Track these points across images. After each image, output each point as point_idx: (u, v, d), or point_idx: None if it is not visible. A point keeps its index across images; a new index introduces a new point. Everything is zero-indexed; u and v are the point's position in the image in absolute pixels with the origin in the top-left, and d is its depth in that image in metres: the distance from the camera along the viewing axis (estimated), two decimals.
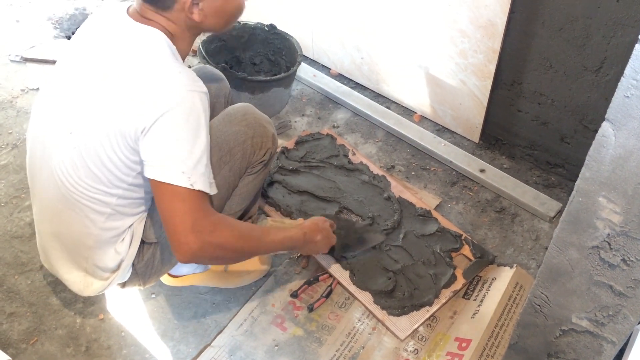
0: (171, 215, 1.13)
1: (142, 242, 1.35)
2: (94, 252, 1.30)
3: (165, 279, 1.59)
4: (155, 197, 1.16)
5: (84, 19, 2.75)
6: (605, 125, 0.79)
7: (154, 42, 1.18)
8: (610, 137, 0.79)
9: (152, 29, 1.18)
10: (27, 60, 2.41)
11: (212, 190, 1.18)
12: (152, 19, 1.20)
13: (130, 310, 1.58)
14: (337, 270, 1.65)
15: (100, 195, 1.23)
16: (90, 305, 1.58)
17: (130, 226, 1.31)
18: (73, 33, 2.70)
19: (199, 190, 1.13)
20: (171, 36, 1.21)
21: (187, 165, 1.12)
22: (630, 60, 0.72)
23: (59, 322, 1.54)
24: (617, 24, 1.52)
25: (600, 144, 0.80)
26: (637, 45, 0.70)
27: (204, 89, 1.17)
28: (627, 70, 0.73)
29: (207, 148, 1.16)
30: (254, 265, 1.64)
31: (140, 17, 1.20)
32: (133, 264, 1.37)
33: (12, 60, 2.41)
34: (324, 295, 1.60)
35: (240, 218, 1.53)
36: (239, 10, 1.28)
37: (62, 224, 1.29)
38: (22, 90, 2.27)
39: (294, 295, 1.61)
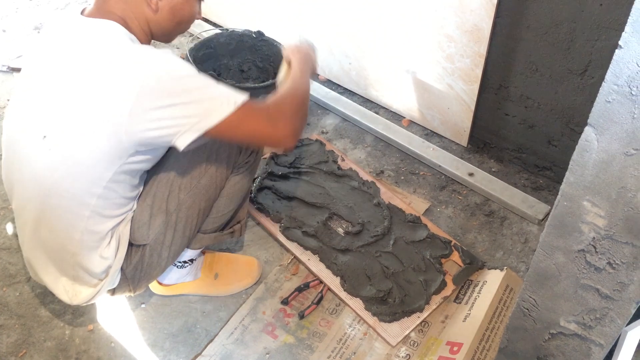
0: (253, 134, 1.20)
1: (130, 244, 1.34)
2: (78, 258, 1.29)
3: (155, 288, 1.58)
4: (224, 139, 1.24)
5: None
6: (587, 130, 0.79)
7: (111, 31, 1.18)
8: (593, 142, 0.79)
9: (106, 21, 1.19)
10: (14, 70, 2.40)
11: (245, 95, 1.20)
12: (109, 7, 1.20)
13: (120, 321, 1.57)
14: (328, 277, 1.65)
15: (78, 197, 1.21)
16: (80, 316, 1.57)
17: (113, 229, 1.29)
18: None
19: (242, 102, 1.15)
20: (128, 28, 1.21)
21: (217, 96, 1.14)
22: (611, 65, 0.73)
23: (47, 334, 1.53)
24: (601, 28, 1.53)
25: (583, 148, 0.81)
26: (617, 51, 0.71)
27: (169, 49, 1.17)
28: (608, 75, 0.73)
29: (207, 76, 1.17)
30: (244, 273, 1.64)
31: (96, 12, 1.21)
32: (122, 268, 1.35)
33: None
34: (314, 302, 1.60)
35: (228, 222, 1.53)
36: (192, 18, 1.31)
37: (44, 232, 1.28)
38: (9, 100, 2.25)
39: (285, 302, 1.61)
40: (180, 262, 1.53)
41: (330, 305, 1.61)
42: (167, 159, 1.33)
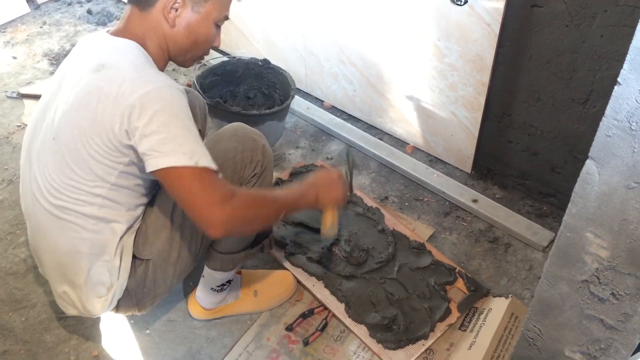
0: (189, 196, 1.15)
1: (134, 257, 1.36)
2: (87, 262, 1.30)
3: (199, 313, 1.61)
4: (167, 188, 1.18)
5: None
6: (589, 163, 0.81)
7: (127, 48, 1.24)
8: (594, 175, 0.81)
9: (126, 40, 1.26)
10: (23, 96, 2.44)
11: (215, 166, 1.19)
12: (131, 28, 1.27)
13: (125, 347, 1.57)
14: (332, 303, 1.65)
15: (84, 195, 1.25)
16: (85, 341, 1.57)
17: (118, 235, 1.31)
18: None
19: (204, 167, 1.15)
20: (146, 47, 1.28)
21: (186, 147, 1.14)
22: (610, 101, 0.75)
23: None
24: (602, 58, 1.56)
25: (585, 181, 0.82)
26: (616, 87, 0.73)
27: (181, 87, 1.22)
28: (608, 110, 0.75)
29: (197, 132, 1.19)
30: (283, 287, 1.68)
31: (119, 32, 1.28)
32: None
33: (8, 97, 2.44)
34: (319, 328, 1.60)
35: (256, 239, 1.53)
36: (208, 39, 1.33)
37: (56, 230, 1.30)
38: (18, 126, 2.29)
39: (289, 328, 1.61)
40: (218, 286, 1.55)
41: (335, 332, 1.61)
42: None
